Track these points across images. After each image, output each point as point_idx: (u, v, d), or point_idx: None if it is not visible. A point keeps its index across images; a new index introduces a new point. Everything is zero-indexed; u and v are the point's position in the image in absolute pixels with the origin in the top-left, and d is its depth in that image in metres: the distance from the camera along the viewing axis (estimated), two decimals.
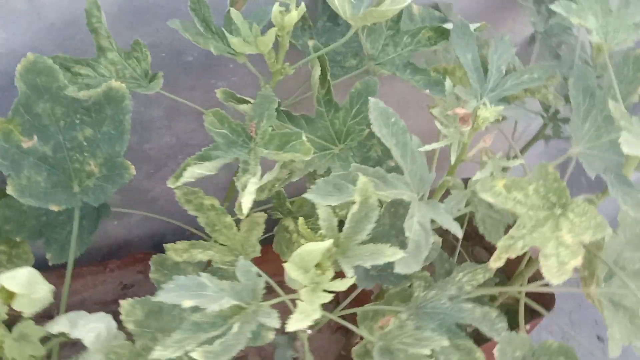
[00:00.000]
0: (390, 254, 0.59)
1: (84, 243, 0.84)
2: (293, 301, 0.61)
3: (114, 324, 0.58)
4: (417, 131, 0.71)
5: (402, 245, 0.72)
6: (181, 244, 0.70)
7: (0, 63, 0.76)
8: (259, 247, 0.73)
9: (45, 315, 1.04)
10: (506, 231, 0.69)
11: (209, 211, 0.71)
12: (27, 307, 0.55)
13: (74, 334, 0.54)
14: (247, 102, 0.74)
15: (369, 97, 0.67)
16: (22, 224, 0.80)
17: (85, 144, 0.74)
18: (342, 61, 0.90)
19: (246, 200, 0.62)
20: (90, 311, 1.08)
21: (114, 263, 1.08)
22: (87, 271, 1.05)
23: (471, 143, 0.74)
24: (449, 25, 0.81)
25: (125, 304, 0.62)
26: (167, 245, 0.72)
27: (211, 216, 0.71)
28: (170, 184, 0.65)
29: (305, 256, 0.57)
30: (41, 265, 0.87)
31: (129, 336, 0.61)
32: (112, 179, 0.74)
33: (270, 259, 0.77)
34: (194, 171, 0.64)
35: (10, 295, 0.55)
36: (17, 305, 0.54)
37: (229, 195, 0.91)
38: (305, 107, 0.86)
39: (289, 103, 0.88)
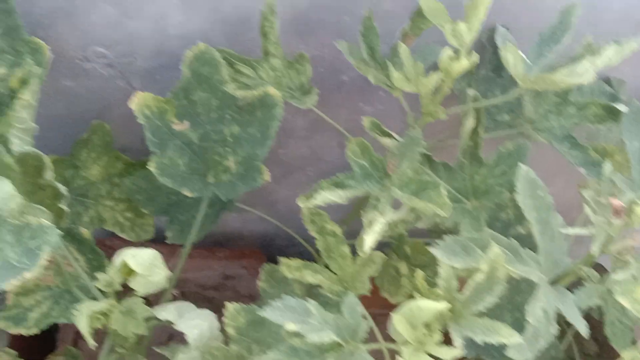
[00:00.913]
0: (507, 335, 0.55)
1: (204, 230, 0.86)
2: (390, 351, 0.59)
3: (217, 324, 0.59)
4: (557, 204, 0.66)
5: (516, 322, 0.68)
6: (295, 262, 0.70)
7: (171, 44, 0.80)
8: (369, 286, 0.71)
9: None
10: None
11: (329, 236, 0.71)
12: (142, 287, 0.57)
13: (179, 326, 0.55)
14: (391, 136, 0.73)
15: (519, 163, 0.64)
16: (153, 198, 0.85)
17: (229, 139, 0.76)
18: (495, 114, 0.86)
19: (370, 239, 0.61)
20: (190, 293, 1.12)
21: (222, 252, 1.11)
22: (197, 254, 1.08)
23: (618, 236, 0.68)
24: (621, 107, 0.75)
25: (230, 308, 0.63)
26: (282, 260, 0.72)
27: (330, 242, 0.70)
28: (300, 202, 0.65)
29: (416, 312, 0.55)
30: (157, 238, 0.92)
31: (226, 338, 0.62)
32: (246, 180, 0.76)
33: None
34: (326, 196, 0.64)
35: (129, 272, 0.57)
36: (133, 284, 0.56)
37: (348, 219, 0.91)
38: (445, 153, 0.83)
39: (430, 145, 0.85)
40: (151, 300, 0.72)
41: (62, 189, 0.59)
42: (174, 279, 0.79)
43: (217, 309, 1.16)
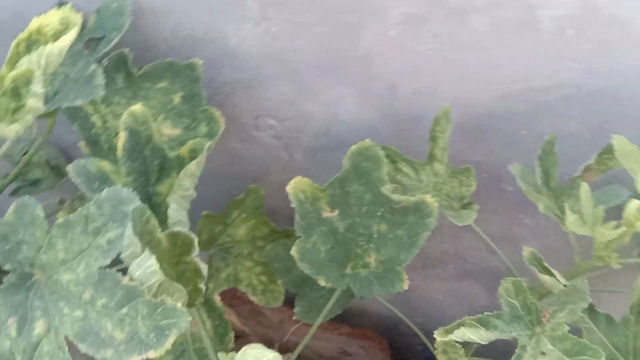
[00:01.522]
0: None
1: (332, 313, 0.84)
2: None
3: None
4: None
5: None
6: None
7: (338, 128, 0.80)
8: None
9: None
10: None
11: None
12: None
13: None
14: (552, 275, 0.66)
15: None
16: (289, 270, 0.84)
17: (375, 236, 0.74)
18: None
19: None
20: (305, 358, 1.11)
21: (344, 328, 1.08)
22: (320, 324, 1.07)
23: None
24: None
25: None
26: None
27: None
28: (437, 335, 0.61)
29: None
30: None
31: None
32: (383, 281, 0.73)
33: None
34: (466, 334, 0.59)
35: None
36: None
37: None
38: (609, 302, 0.74)
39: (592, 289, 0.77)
40: None
41: (204, 269, 0.60)
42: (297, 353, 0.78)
43: None
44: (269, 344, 1.13)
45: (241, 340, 1.12)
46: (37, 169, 0.79)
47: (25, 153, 0.79)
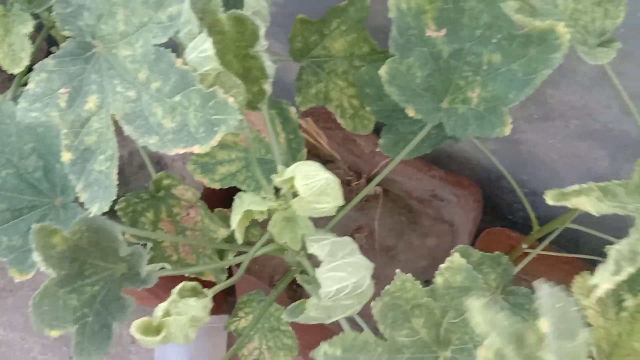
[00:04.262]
0: None
1: (419, 151, 0.76)
2: None
3: (366, 281, 0.50)
4: None
5: None
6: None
7: None
8: None
9: None
10: None
11: None
12: (302, 210, 0.50)
13: (319, 271, 0.48)
14: None
15: None
16: (381, 97, 0.75)
17: (485, 67, 0.62)
18: None
19: (606, 284, 0.45)
20: (393, 194, 1.06)
21: (439, 172, 1.00)
22: (413, 162, 1.00)
23: None
24: None
25: (457, 261, 0.53)
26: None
27: None
28: (550, 197, 0.49)
29: None
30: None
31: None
32: (482, 122, 0.62)
33: None
34: (583, 202, 0.47)
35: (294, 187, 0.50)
36: (296, 203, 0.49)
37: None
38: None
39: None
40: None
41: (269, 67, 0.52)
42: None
43: (413, 221, 1.09)
44: (357, 174, 1.09)
45: (329, 165, 1.07)
46: None
47: None
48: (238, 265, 0.62)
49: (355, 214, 1.07)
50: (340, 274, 0.47)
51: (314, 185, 0.47)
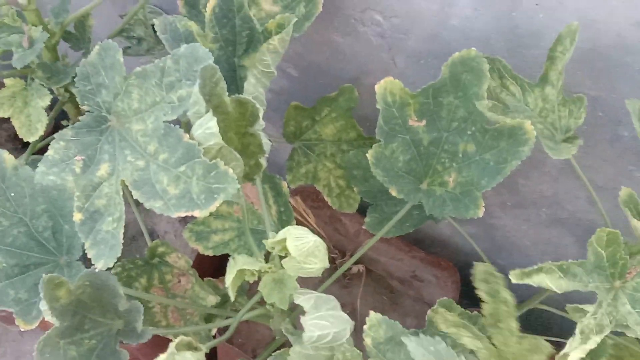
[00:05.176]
0: None
1: (401, 230, 0.81)
2: None
3: (347, 335, 0.54)
4: None
5: None
6: (453, 318, 0.61)
7: (448, 35, 0.73)
8: None
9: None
10: None
11: (500, 304, 0.60)
12: (292, 270, 0.55)
13: (304, 319, 0.52)
14: None
15: None
16: (367, 179, 0.81)
17: (460, 155, 0.69)
18: None
19: (576, 356, 0.49)
20: (375, 274, 1.10)
21: (420, 253, 1.05)
22: (394, 242, 1.05)
23: None
24: None
25: (373, 317, 0.58)
26: (437, 311, 0.63)
27: (500, 310, 0.60)
28: (513, 276, 0.55)
29: None
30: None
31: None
32: (458, 205, 0.68)
33: None
34: (544, 280, 0.53)
35: (285, 249, 0.55)
36: (286, 263, 0.54)
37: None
38: None
39: None
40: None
41: (266, 145, 0.58)
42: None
43: (394, 301, 1.12)
44: (342, 252, 1.13)
45: None
46: (140, 26, 0.81)
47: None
48: (223, 331, 0.65)
49: (338, 291, 1.10)
50: (323, 322, 0.51)
51: (304, 246, 0.52)
